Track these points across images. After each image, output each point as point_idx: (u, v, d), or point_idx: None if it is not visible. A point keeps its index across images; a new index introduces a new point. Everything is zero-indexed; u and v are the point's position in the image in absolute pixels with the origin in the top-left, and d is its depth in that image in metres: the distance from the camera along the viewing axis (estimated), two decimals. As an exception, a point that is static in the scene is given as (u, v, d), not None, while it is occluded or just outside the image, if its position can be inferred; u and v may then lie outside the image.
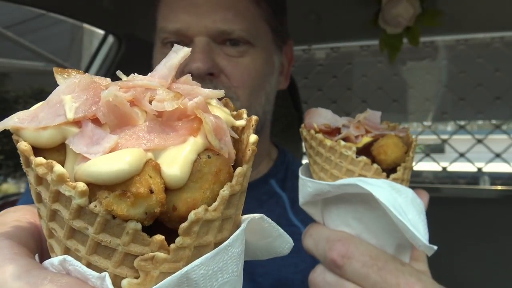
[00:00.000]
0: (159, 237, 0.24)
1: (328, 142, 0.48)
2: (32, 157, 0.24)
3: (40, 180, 0.24)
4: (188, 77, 0.31)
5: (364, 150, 0.47)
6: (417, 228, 0.42)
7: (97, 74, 1.76)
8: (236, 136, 0.28)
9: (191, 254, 0.24)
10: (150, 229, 0.24)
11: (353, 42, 2.44)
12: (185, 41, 0.84)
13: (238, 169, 0.26)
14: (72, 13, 1.47)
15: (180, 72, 0.82)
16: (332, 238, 0.46)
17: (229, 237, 0.27)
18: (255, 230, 0.31)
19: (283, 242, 0.34)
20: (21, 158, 0.26)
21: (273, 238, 0.33)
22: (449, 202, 1.91)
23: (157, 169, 0.24)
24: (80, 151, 0.23)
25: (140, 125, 0.25)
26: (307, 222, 0.88)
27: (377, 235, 0.47)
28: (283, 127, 1.50)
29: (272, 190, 0.93)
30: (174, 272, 0.24)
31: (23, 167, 0.26)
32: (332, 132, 0.50)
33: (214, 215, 0.25)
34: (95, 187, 0.23)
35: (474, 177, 2.65)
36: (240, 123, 0.29)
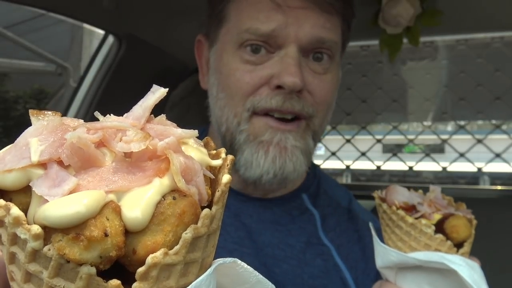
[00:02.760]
0: (115, 282, 0.23)
1: (410, 219, 0.59)
2: None
3: (0, 223, 0.24)
4: (162, 117, 0.31)
5: (437, 226, 0.59)
6: None
7: (97, 74, 1.76)
8: (211, 176, 0.28)
9: None
10: (111, 272, 0.23)
11: (353, 42, 2.44)
12: (273, 46, 0.78)
13: (204, 211, 0.26)
14: (72, 13, 1.47)
15: (265, 81, 0.77)
16: None
17: (193, 282, 0.25)
18: (228, 275, 0.29)
19: None
20: None
21: (250, 285, 0.30)
22: (449, 202, 1.91)
23: (117, 211, 0.24)
24: (41, 193, 0.23)
25: (106, 166, 0.25)
26: (336, 242, 0.85)
27: None
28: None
29: (304, 206, 0.90)
30: None
31: None
32: (409, 208, 0.60)
33: (174, 259, 0.24)
34: (51, 230, 0.23)
35: (474, 177, 2.65)
36: (216, 163, 0.29)
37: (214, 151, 0.31)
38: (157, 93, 0.30)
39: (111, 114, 0.29)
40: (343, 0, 0.85)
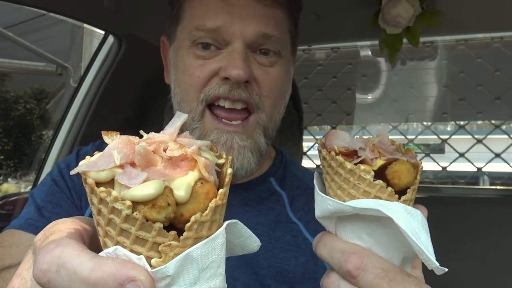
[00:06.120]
0: (173, 232, 0.39)
1: (348, 165, 0.53)
2: (95, 188, 0.39)
3: (101, 200, 0.39)
4: (186, 133, 0.45)
5: (378, 172, 0.53)
6: (429, 250, 0.47)
7: (97, 74, 1.76)
8: (218, 169, 0.45)
9: (192, 243, 0.39)
10: (167, 228, 0.39)
11: (353, 42, 2.45)
12: (221, 43, 0.84)
13: (220, 190, 0.41)
14: (72, 13, 1.47)
15: (214, 74, 0.82)
16: (347, 250, 0.51)
17: (215, 232, 0.41)
18: (232, 231, 0.46)
19: (253, 241, 0.49)
20: (86, 189, 0.41)
21: (245, 238, 0.48)
22: (449, 202, 1.91)
23: (171, 191, 0.39)
24: (124, 183, 0.39)
25: (159, 166, 0.41)
26: (305, 219, 0.94)
27: (386, 248, 0.52)
28: (282, 127, 1.50)
29: (272, 188, 0.97)
30: None
31: (88, 193, 0.41)
32: (350, 154, 0.56)
33: (205, 219, 0.39)
34: (135, 204, 0.38)
35: (474, 177, 2.65)
36: (221, 161, 0.45)
37: (218, 153, 0.47)
38: (182, 117, 0.45)
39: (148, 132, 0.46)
40: None
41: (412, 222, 0.48)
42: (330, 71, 2.58)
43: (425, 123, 2.70)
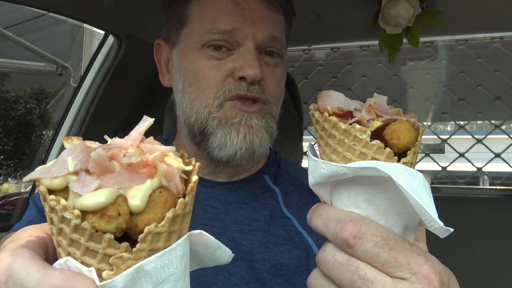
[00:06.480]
0: (125, 244, 0.37)
1: (343, 125, 0.48)
2: (47, 195, 0.38)
3: (52, 209, 0.38)
4: (151, 138, 0.44)
5: (376, 134, 0.47)
6: (432, 210, 0.43)
7: (97, 74, 1.76)
8: (185, 176, 0.43)
9: (147, 255, 0.38)
10: (121, 238, 0.38)
11: (353, 42, 2.45)
12: (233, 44, 0.88)
13: (180, 199, 0.40)
14: (72, 13, 1.48)
15: (229, 73, 0.88)
16: (343, 219, 0.47)
17: (172, 244, 0.40)
18: (198, 242, 0.44)
19: (223, 253, 0.46)
20: (40, 196, 0.39)
21: (213, 249, 0.45)
22: (449, 202, 1.91)
23: (125, 200, 0.38)
24: (77, 191, 0.37)
25: (116, 172, 0.39)
26: (298, 214, 0.96)
27: (386, 216, 0.48)
28: (282, 126, 1.50)
29: (266, 185, 1.00)
30: None
31: (42, 201, 0.40)
32: (345, 115, 0.50)
33: (161, 229, 0.38)
34: (85, 213, 0.37)
35: (474, 177, 2.65)
36: (188, 168, 0.43)
37: (187, 160, 0.45)
38: (147, 121, 0.44)
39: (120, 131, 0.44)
40: (287, 0, 0.94)
41: (413, 182, 0.44)
42: (330, 71, 2.58)
43: (425, 123, 2.70)
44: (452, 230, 0.44)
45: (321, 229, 0.49)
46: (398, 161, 0.47)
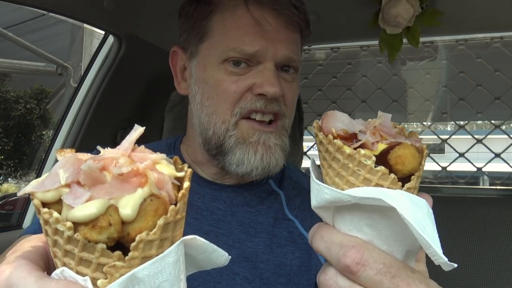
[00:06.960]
0: (118, 252, 0.38)
1: (347, 149, 0.47)
2: (41, 208, 0.38)
3: (46, 222, 0.39)
4: (142, 147, 0.45)
5: (380, 158, 0.47)
6: (436, 244, 0.43)
7: (97, 74, 1.76)
8: (177, 183, 0.43)
9: (140, 262, 0.38)
10: (115, 247, 0.38)
11: (353, 42, 2.45)
12: (253, 62, 0.91)
13: (171, 207, 0.40)
14: (72, 13, 1.48)
15: (248, 89, 0.91)
16: (346, 244, 0.47)
17: (165, 251, 0.40)
18: (192, 246, 0.44)
19: (219, 256, 0.46)
20: (35, 209, 0.40)
21: (208, 253, 0.46)
22: (449, 202, 1.91)
23: (116, 210, 0.38)
24: (69, 203, 0.38)
25: (107, 183, 0.39)
26: (301, 216, 1.01)
27: (388, 241, 0.48)
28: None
29: (271, 188, 1.04)
30: None
31: (37, 214, 0.40)
32: (349, 138, 0.50)
33: (153, 237, 0.38)
34: (77, 224, 0.38)
35: (474, 177, 2.65)
36: (181, 174, 0.43)
37: (180, 166, 0.46)
38: (138, 130, 0.45)
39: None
40: (306, 21, 0.97)
41: (417, 212, 0.44)
42: (330, 71, 2.58)
43: (425, 123, 2.70)
44: (456, 265, 0.44)
45: (323, 252, 0.49)
46: (402, 186, 0.47)
